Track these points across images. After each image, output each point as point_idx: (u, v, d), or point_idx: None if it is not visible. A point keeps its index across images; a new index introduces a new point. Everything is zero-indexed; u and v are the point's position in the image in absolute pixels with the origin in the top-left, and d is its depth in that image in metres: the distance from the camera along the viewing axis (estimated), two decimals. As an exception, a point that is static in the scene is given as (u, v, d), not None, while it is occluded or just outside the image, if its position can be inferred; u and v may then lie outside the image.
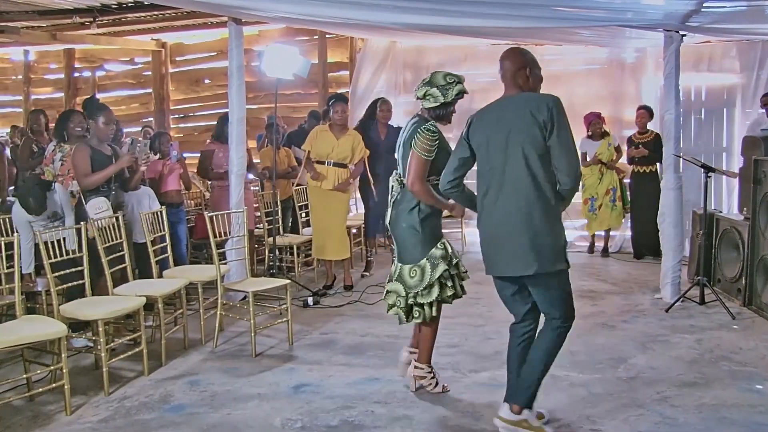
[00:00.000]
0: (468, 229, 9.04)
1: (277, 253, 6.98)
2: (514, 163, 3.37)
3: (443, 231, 4.17)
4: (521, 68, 3.53)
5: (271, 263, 6.76)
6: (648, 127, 8.12)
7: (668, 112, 6.35)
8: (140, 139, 5.88)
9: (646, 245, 8.02)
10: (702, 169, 6.07)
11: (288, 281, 5.35)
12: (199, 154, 7.24)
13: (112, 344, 4.63)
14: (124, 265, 5.04)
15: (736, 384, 4.26)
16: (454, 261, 4.06)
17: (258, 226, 7.38)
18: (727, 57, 8.79)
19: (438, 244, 4.01)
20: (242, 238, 5.73)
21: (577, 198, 8.72)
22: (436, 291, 3.97)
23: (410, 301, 4.03)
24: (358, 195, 7.58)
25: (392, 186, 4.20)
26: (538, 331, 3.56)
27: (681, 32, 6.24)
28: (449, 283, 4.01)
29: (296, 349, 5.10)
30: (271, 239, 6.89)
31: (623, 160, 8.41)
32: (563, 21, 6.37)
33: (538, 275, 3.36)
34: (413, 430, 3.68)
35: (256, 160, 7.75)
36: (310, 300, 6.34)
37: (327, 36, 9.64)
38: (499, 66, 3.61)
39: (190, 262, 7.24)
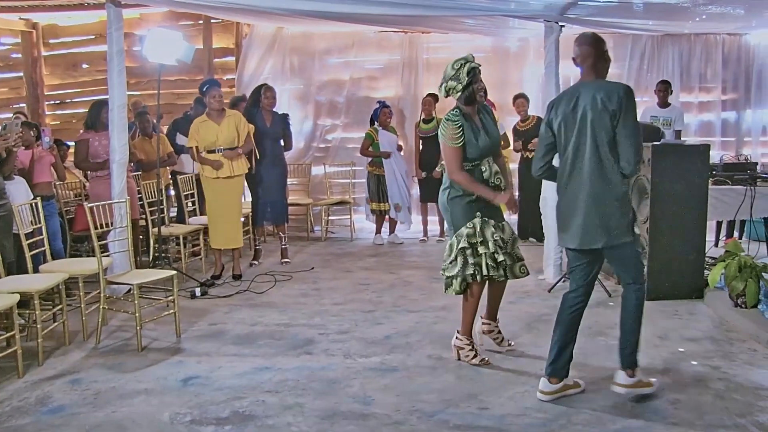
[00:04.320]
0: (356, 215, 9.10)
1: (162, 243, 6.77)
2: (585, 147, 3.68)
3: (334, 217, 4.17)
4: (602, 55, 3.76)
5: (156, 254, 6.55)
6: (529, 114, 8.39)
7: (549, 100, 6.58)
8: (16, 118, 5.52)
9: (531, 228, 8.28)
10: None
11: (174, 272, 5.19)
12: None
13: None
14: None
15: (612, 357, 4.47)
16: (480, 240, 4.26)
17: (142, 215, 7.12)
18: (603, 48, 9.23)
19: (468, 224, 4.26)
20: (125, 229, 5.51)
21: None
22: (458, 266, 4.26)
23: (441, 272, 4.42)
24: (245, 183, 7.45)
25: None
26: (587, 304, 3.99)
27: (560, 23, 6.49)
28: (471, 260, 4.26)
29: (184, 342, 4.97)
30: (155, 229, 6.67)
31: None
32: (449, 10, 6.50)
33: (611, 247, 3.74)
34: (305, 418, 3.66)
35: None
36: (197, 291, 6.19)
37: (212, 21, 9.37)
38: (576, 50, 3.79)
39: (71, 255, 6.91)
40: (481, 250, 4.26)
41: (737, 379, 4.10)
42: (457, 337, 4.49)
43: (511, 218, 8.84)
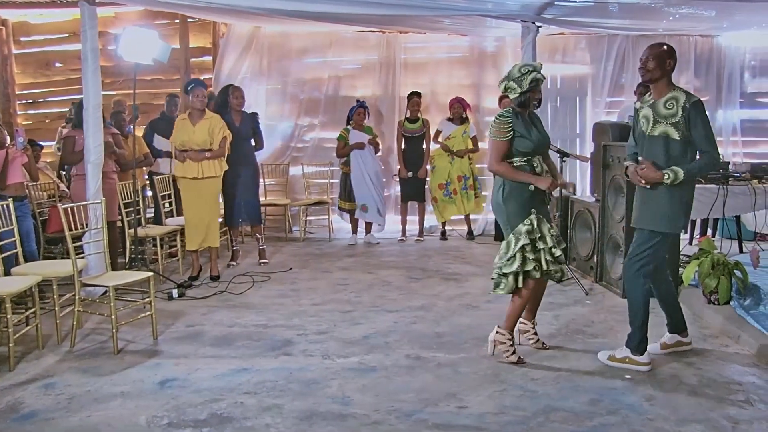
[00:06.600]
0: (335, 216, 9.08)
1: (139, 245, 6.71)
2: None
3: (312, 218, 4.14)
4: None
5: (132, 255, 6.49)
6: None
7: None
8: None
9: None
10: (557, 154, 6.38)
11: (151, 273, 5.15)
12: (53, 143, 6.80)
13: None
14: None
15: (588, 355, 4.53)
16: (539, 235, 4.33)
17: (119, 217, 7.04)
18: (578, 49, 9.33)
19: (525, 220, 4.31)
20: (100, 231, 5.45)
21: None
22: (517, 263, 4.28)
23: (496, 271, 4.41)
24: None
25: None
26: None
27: (537, 23, 6.53)
28: (531, 256, 4.30)
29: (161, 344, 4.93)
30: (132, 231, 6.61)
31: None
32: (426, 9, 6.51)
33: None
34: (283, 419, 3.65)
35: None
36: (174, 292, 6.14)
37: (189, 20, 9.29)
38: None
39: (45, 257, 6.82)
40: (539, 245, 4.32)
41: (710, 375, 4.17)
42: (497, 332, 4.49)
43: (489, 218, 8.95)
